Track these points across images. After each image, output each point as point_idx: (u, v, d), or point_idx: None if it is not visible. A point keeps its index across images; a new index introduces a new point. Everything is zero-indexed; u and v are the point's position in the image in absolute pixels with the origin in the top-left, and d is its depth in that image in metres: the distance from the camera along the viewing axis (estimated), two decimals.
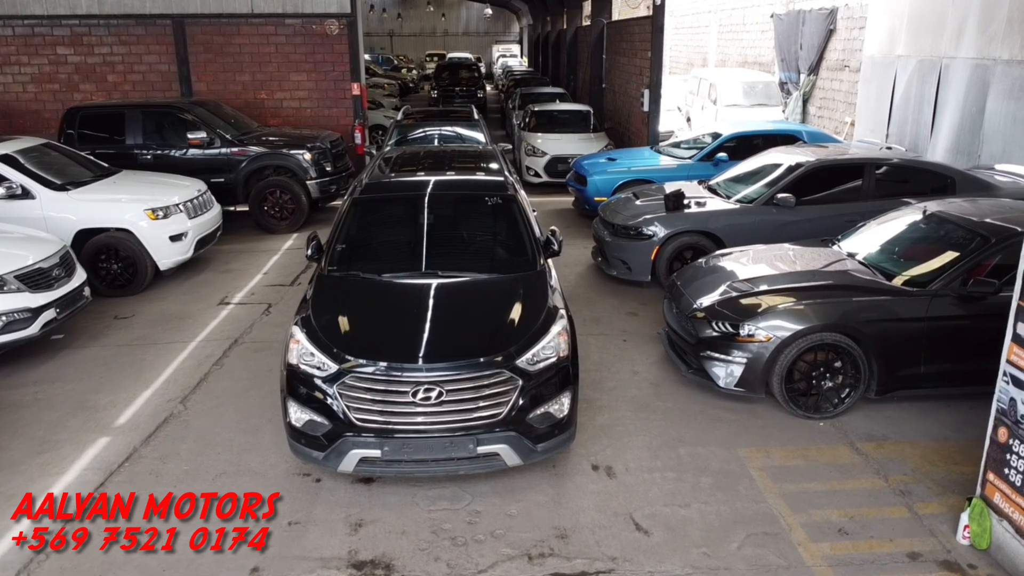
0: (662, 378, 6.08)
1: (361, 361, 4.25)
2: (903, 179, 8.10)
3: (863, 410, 5.45)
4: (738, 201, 8.04)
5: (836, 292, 5.46)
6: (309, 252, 5.37)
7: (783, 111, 17.02)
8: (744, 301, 5.52)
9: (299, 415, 4.32)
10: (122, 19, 12.20)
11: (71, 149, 9.34)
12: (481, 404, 4.22)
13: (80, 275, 7.00)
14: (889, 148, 8.94)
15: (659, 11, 12.56)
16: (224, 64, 12.49)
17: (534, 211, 7.05)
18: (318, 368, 4.31)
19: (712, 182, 8.85)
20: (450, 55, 43.13)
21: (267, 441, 5.12)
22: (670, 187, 8.93)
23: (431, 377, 4.19)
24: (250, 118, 12.24)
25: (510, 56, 44.51)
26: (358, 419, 4.19)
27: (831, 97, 15.39)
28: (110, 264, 8.14)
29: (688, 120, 19.01)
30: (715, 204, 8.04)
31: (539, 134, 14.01)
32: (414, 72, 41.07)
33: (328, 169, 10.96)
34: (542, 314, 4.67)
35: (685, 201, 7.98)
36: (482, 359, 4.27)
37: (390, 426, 4.18)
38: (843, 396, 5.35)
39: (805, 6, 16.47)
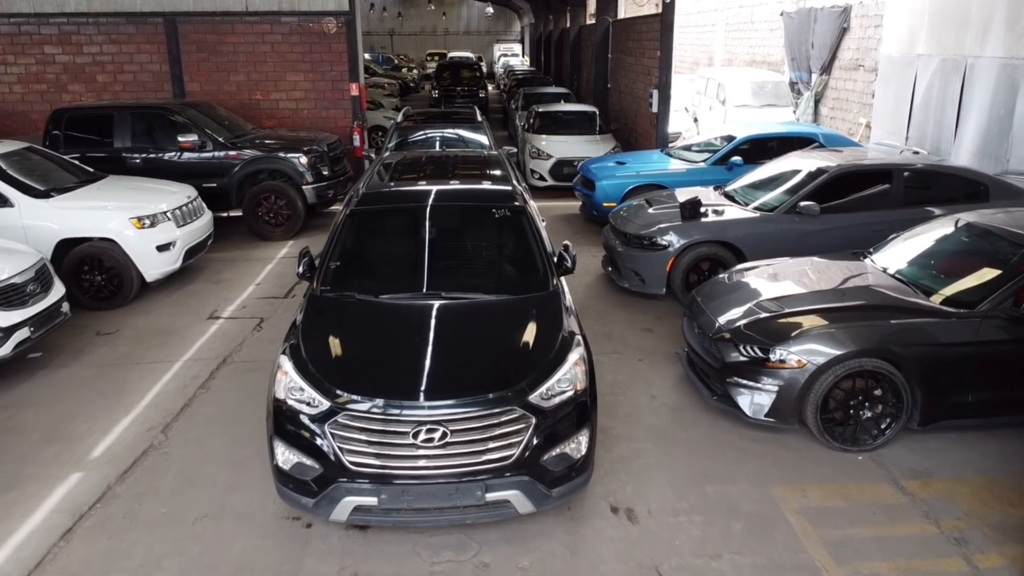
0: (682, 403, 5.63)
1: (355, 397, 3.80)
2: (932, 186, 7.65)
3: (904, 442, 5.00)
4: (757, 209, 7.59)
5: (875, 313, 5.01)
6: (300, 269, 4.92)
7: (794, 112, 16.57)
8: (774, 323, 5.08)
9: (287, 456, 3.88)
10: (112, 17, 11.76)
11: (54, 153, 8.89)
12: (490, 446, 3.77)
13: (58, 290, 6.56)
14: (916, 152, 8.49)
15: (669, 9, 12.11)
16: (218, 64, 12.05)
17: (543, 220, 6.62)
18: (308, 404, 3.86)
19: (728, 188, 8.40)
20: (451, 54, 42.71)
21: (254, 477, 4.68)
22: (684, 194, 8.49)
23: (434, 416, 3.75)
24: (245, 120, 11.80)
25: (511, 55, 44.11)
26: (352, 463, 3.74)
27: (844, 97, 14.94)
28: (93, 276, 7.70)
29: (695, 120, 18.57)
30: (733, 212, 7.59)
31: (543, 136, 13.56)
32: (415, 72, 40.62)
33: (325, 173, 10.51)
34: (557, 341, 4.22)
35: (702, 209, 7.53)
36: (491, 395, 3.82)
37: (388, 471, 3.73)
38: (883, 427, 4.90)
39: (817, 4, 16.02)
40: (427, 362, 4.01)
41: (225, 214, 10.29)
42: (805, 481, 4.64)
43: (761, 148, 10.20)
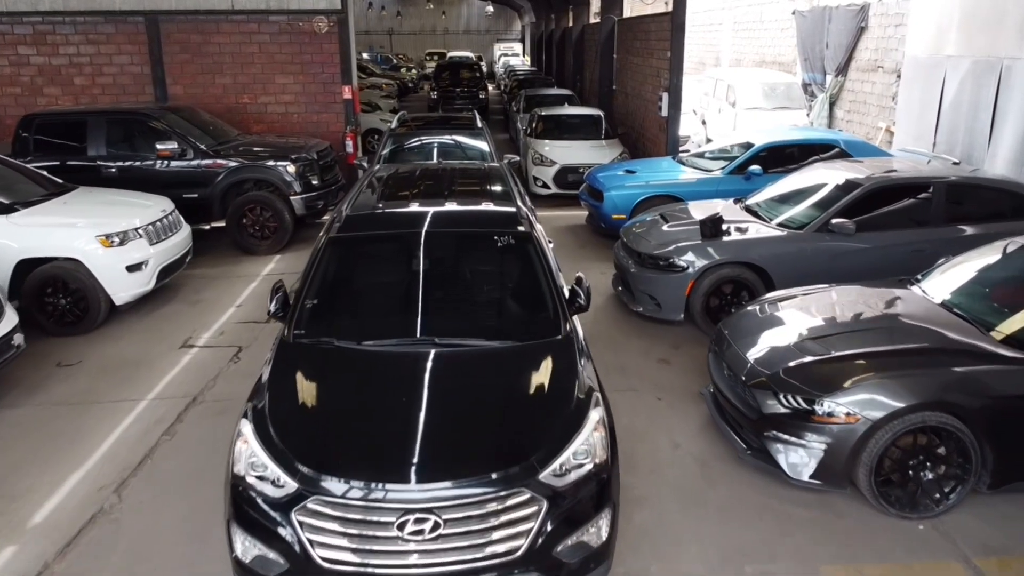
0: (710, 454, 4.96)
1: (329, 478, 3.13)
2: (977, 200, 6.98)
3: (971, 506, 4.33)
4: (784, 226, 6.91)
5: (936, 358, 4.34)
6: (272, 307, 4.25)
7: (807, 114, 15.88)
8: (819, 368, 4.40)
9: (246, 546, 3.20)
10: (89, 16, 11.09)
11: (18, 163, 8.21)
12: (493, 537, 3.10)
13: (10, 319, 5.88)
14: (956, 163, 7.82)
15: (680, 7, 11.43)
16: (202, 65, 11.37)
17: (550, 242, 5.95)
18: (272, 484, 3.19)
19: (750, 202, 7.73)
20: (451, 54, 42.02)
21: (216, 552, 4.00)
22: (699, 207, 7.83)
23: (425, 501, 3.07)
24: (231, 125, 11.12)
25: (512, 55, 43.43)
26: (324, 558, 3.07)
27: (862, 100, 14.26)
28: (57, 299, 7.03)
29: (703, 123, 17.90)
30: (758, 230, 6.91)
31: (547, 141, 12.88)
32: (413, 72, 39.93)
33: (315, 183, 9.83)
34: (572, 401, 3.55)
35: (724, 227, 6.85)
36: (495, 474, 3.15)
37: (368, 569, 3.06)
38: (947, 491, 4.23)
39: (832, 2, 15.33)
40: (418, 432, 3.33)
41: (207, 226, 9.61)
42: (861, 557, 3.97)
43: (781, 156, 9.55)
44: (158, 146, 9.27)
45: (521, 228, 4.64)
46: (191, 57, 11.31)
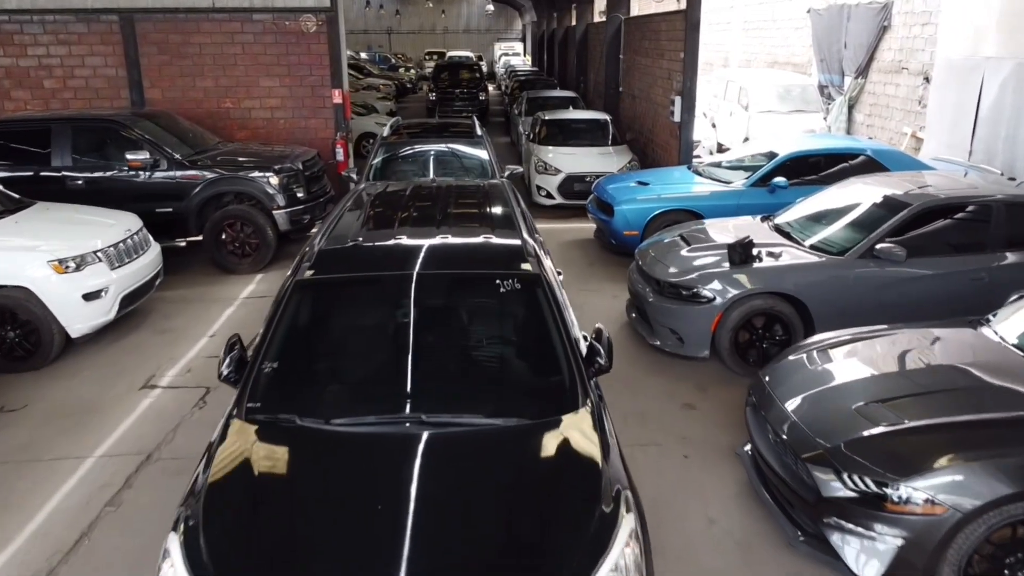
0: (752, 534, 4.18)
1: None
2: None
3: None
4: (820, 250, 6.13)
5: None
6: (223, 370, 3.47)
7: (824, 118, 15.11)
8: (892, 441, 3.62)
9: None
10: (60, 14, 10.30)
11: None
12: None
13: None
14: (1012, 180, 7.03)
15: (695, 4, 10.65)
16: (182, 67, 10.59)
17: (559, 273, 5.17)
18: None
19: (780, 220, 6.95)
20: (450, 53, 41.25)
21: None
22: (721, 227, 7.06)
23: None
24: (212, 131, 10.36)
25: (513, 55, 42.66)
26: None
27: (884, 103, 13.48)
28: (4, 331, 6.26)
29: (713, 126, 17.13)
30: (793, 255, 6.12)
31: (551, 147, 12.11)
32: (412, 72, 39.15)
33: (300, 195, 9.06)
34: (596, 506, 2.76)
35: (754, 251, 6.07)
36: None
37: None
38: None
39: (851, 0, 14.54)
40: (401, 560, 2.52)
41: (183, 242, 8.83)
42: None
43: (806, 166, 8.78)
44: (128, 156, 8.49)
45: (528, 267, 3.85)
46: (169, 59, 10.53)
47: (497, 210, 4.91)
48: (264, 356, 3.42)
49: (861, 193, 6.66)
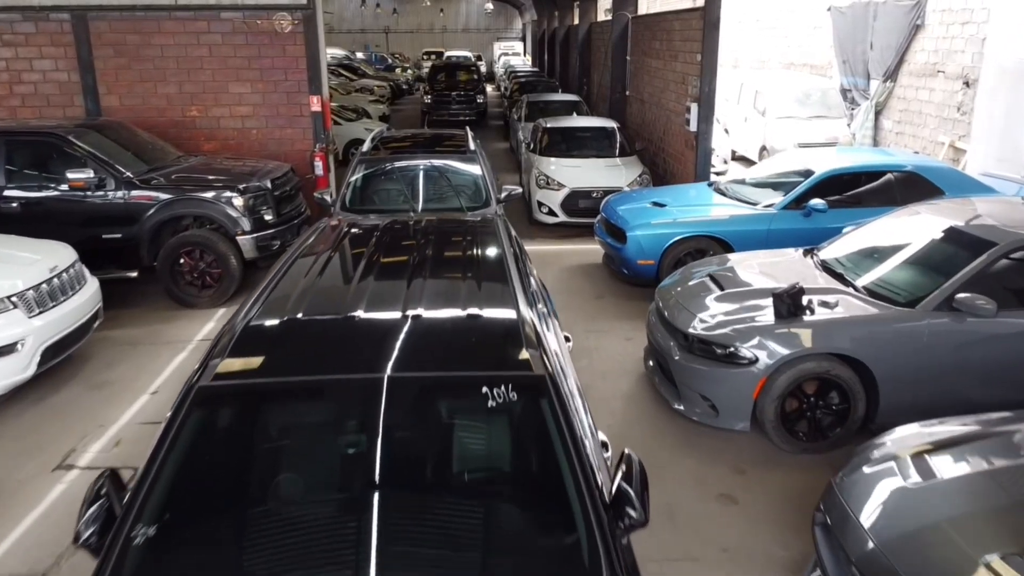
0: None
1: None
2: None
3: None
4: (882, 297, 5.03)
5: None
6: (82, 530, 2.37)
7: (848, 125, 14.01)
8: None
9: None
10: (4, 12, 9.21)
11: None
12: None
13: None
14: None
15: (714, 2, 9.55)
16: (142, 72, 9.49)
17: (567, 340, 4.08)
18: None
19: (826, 254, 5.86)
20: (448, 53, 40.18)
21: None
22: (755, 263, 5.96)
23: None
24: (176, 143, 9.28)
25: (512, 54, 41.59)
26: None
27: (916, 109, 12.37)
28: None
29: (726, 132, 16.03)
30: (851, 305, 5.02)
31: (553, 159, 11.01)
32: (409, 72, 38.02)
33: (268, 218, 7.96)
34: None
35: (804, 300, 4.96)
36: None
37: None
38: None
39: None
40: None
41: (134, 273, 7.73)
42: None
43: (845, 185, 7.69)
44: (69, 175, 7.39)
45: (529, 356, 2.75)
46: (128, 62, 9.43)
47: (488, 264, 3.81)
48: (138, 516, 2.31)
49: (925, 225, 5.56)
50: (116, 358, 6.60)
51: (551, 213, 10.34)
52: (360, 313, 3.10)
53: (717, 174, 11.73)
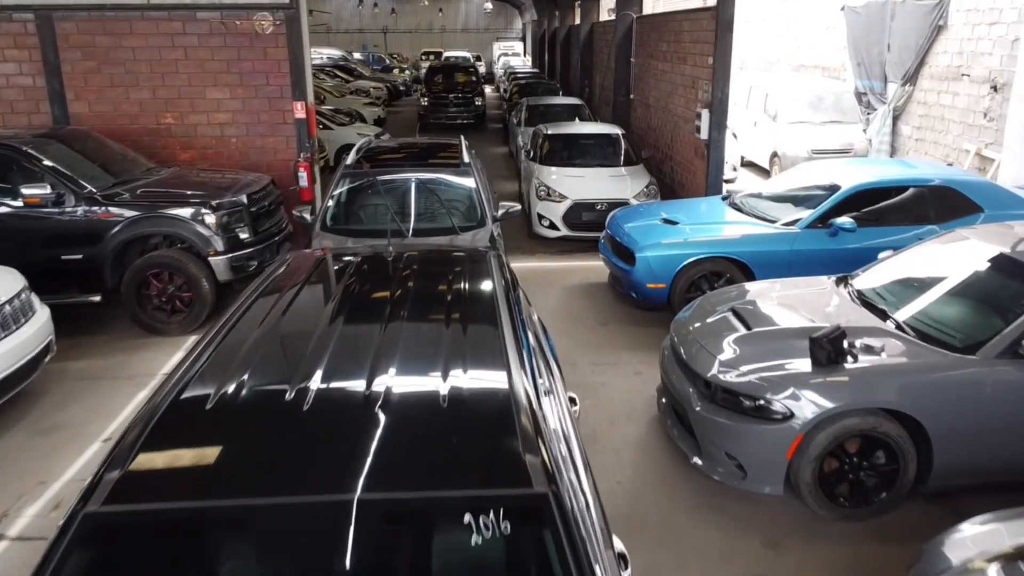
0: None
1: None
2: None
3: None
4: (934, 340, 4.36)
5: None
6: None
7: (864, 130, 13.35)
8: None
9: None
10: None
11: None
12: None
13: None
14: None
15: (727, 1, 8.88)
16: (113, 76, 8.82)
17: (574, 405, 3.44)
18: None
19: (861, 284, 5.20)
20: (447, 53, 39.54)
21: None
22: (782, 295, 5.31)
23: None
24: (151, 153, 8.65)
25: (512, 55, 40.94)
26: None
27: (938, 115, 11.71)
28: None
29: (734, 137, 15.35)
30: (898, 349, 4.35)
31: (554, 168, 10.36)
32: (406, 73, 37.34)
33: (244, 237, 7.30)
34: None
35: (845, 343, 4.30)
36: None
37: None
38: None
39: None
40: None
41: (97, 297, 7.07)
42: None
43: (873, 201, 7.02)
44: (23, 191, 6.74)
45: (525, 468, 2.09)
46: (97, 65, 8.77)
47: (477, 317, 3.16)
48: None
49: (974, 252, 4.91)
50: (70, 396, 5.94)
51: (552, 226, 9.68)
52: (317, 384, 2.46)
53: (726, 181, 11.07)
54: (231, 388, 2.47)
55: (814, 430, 4.15)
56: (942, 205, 6.89)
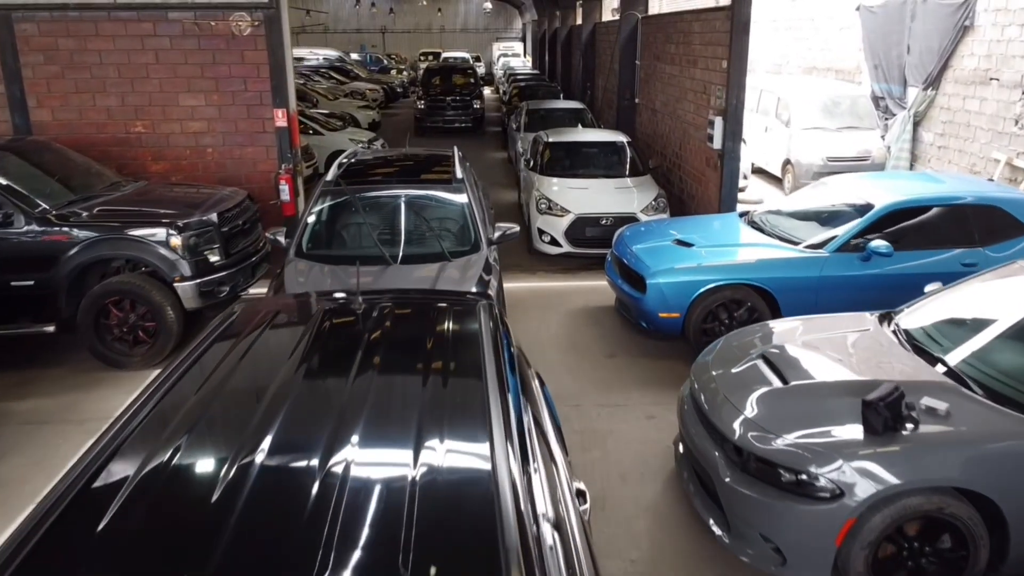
0: None
1: None
2: None
3: None
4: (1010, 401, 3.68)
5: None
6: None
7: (882, 137, 12.68)
8: None
9: None
10: None
11: None
12: None
13: None
14: None
15: (743, 1, 8.21)
16: (77, 82, 8.16)
17: (582, 503, 2.76)
18: None
19: (908, 322, 4.53)
20: (445, 54, 38.87)
21: None
22: (820, 337, 4.64)
23: None
24: (117, 165, 8.00)
25: (512, 55, 40.27)
26: None
27: (963, 121, 11.04)
28: None
29: (744, 142, 14.66)
30: (967, 411, 3.67)
31: (556, 179, 9.68)
32: (404, 74, 36.65)
33: (214, 260, 6.63)
34: None
35: (904, 405, 3.61)
36: None
37: None
38: None
39: None
40: None
41: (50, 327, 6.40)
42: None
43: (908, 220, 6.34)
44: None
45: None
46: (61, 70, 8.11)
47: (458, 394, 2.51)
48: None
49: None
50: (11, 445, 5.27)
51: (553, 242, 9.00)
52: (250, 483, 1.86)
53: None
54: (147, 482, 1.96)
55: (868, 511, 3.47)
56: (986, 225, 6.23)
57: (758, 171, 14.18)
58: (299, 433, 2.23)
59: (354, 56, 38.45)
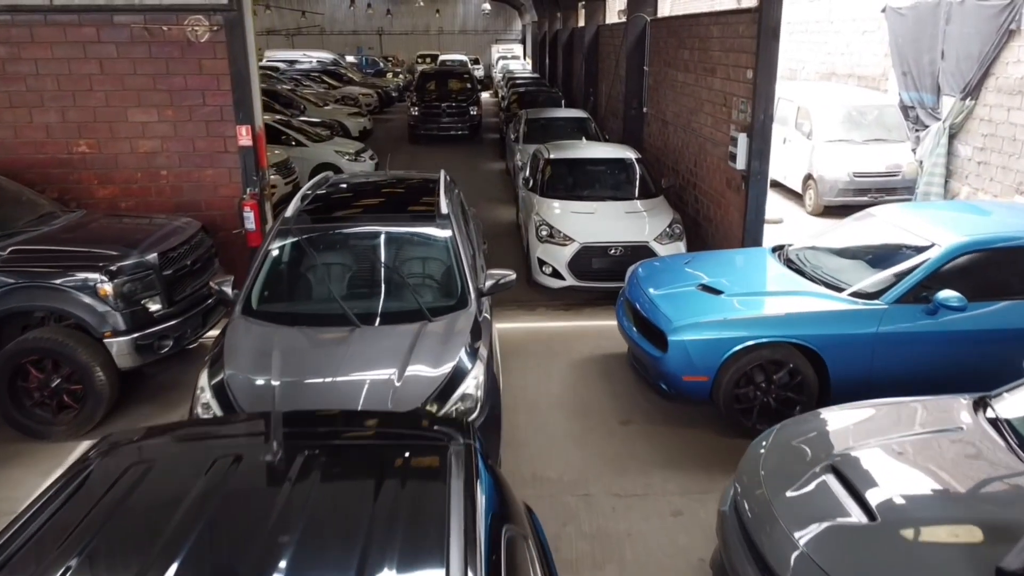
0: None
1: None
2: None
3: None
4: None
5: None
6: None
7: (913, 150, 11.63)
8: None
9: None
10: None
11: None
12: None
13: None
14: None
15: (774, 3, 7.17)
16: (11, 95, 7.13)
17: None
18: None
19: (1013, 414, 3.48)
20: (443, 57, 37.83)
21: None
22: (903, 442, 3.65)
23: None
24: (59, 191, 7.00)
25: (511, 57, 39.25)
26: None
27: (1008, 135, 10.00)
28: None
29: None
30: None
31: (557, 202, 8.65)
32: (400, 77, 35.60)
33: (154, 308, 5.60)
34: None
35: None
36: None
37: None
38: None
39: None
40: None
41: None
42: None
43: (978, 262, 5.29)
44: None
45: None
46: None
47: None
48: None
49: None
50: None
51: (556, 275, 7.96)
52: None
53: None
54: None
55: None
56: None
57: (775, 185, 13.13)
58: None
59: (350, 59, 37.42)
